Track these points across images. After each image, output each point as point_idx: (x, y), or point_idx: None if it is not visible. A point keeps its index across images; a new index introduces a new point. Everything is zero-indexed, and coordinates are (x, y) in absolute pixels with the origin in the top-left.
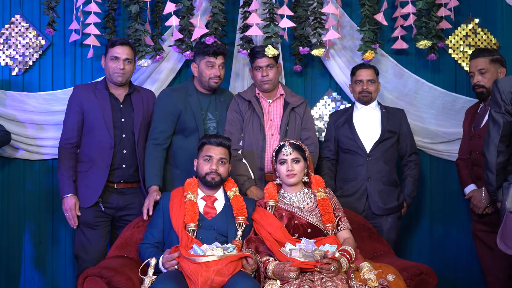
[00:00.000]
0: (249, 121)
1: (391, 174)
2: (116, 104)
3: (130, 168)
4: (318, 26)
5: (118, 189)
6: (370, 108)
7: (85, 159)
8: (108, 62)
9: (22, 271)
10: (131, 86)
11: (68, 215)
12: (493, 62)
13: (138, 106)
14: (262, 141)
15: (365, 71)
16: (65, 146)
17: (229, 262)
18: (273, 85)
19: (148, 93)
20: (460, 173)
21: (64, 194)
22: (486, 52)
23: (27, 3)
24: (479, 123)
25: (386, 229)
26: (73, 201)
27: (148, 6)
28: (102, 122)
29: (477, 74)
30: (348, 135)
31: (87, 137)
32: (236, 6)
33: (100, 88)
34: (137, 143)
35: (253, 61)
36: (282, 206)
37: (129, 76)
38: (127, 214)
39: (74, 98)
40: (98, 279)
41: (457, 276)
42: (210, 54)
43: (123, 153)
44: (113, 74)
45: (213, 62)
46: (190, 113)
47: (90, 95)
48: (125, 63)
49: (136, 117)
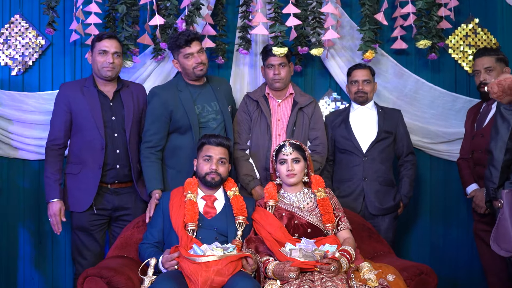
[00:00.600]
0: (257, 121)
1: (387, 174)
2: (105, 102)
3: (125, 168)
4: (317, 26)
5: (112, 189)
6: (367, 109)
7: (75, 160)
8: (95, 57)
9: (22, 271)
10: (119, 82)
11: (52, 220)
12: (498, 61)
13: (128, 103)
14: (268, 141)
15: (361, 72)
16: (52, 147)
17: (229, 262)
18: (285, 83)
19: (138, 88)
20: (462, 173)
21: (50, 199)
22: (492, 51)
23: (27, 3)
24: (482, 122)
25: (384, 229)
26: (58, 206)
27: (148, 6)
28: (92, 122)
29: (483, 72)
30: (345, 135)
31: (76, 137)
32: (235, 5)
33: (88, 85)
34: (128, 141)
35: (265, 59)
36: (282, 206)
37: (118, 71)
38: (124, 214)
39: (61, 97)
40: (98, 279)
41: (457, 276)
42: (182, 45)
43: (116, 153)
44: (102, 69)
45: (190, 52)
46: (182, 111)
47: (78, 94)
48: (114, 57)
49: (126, 114)
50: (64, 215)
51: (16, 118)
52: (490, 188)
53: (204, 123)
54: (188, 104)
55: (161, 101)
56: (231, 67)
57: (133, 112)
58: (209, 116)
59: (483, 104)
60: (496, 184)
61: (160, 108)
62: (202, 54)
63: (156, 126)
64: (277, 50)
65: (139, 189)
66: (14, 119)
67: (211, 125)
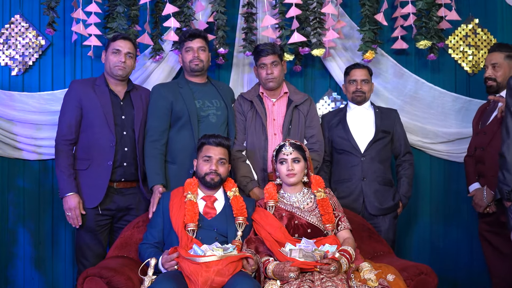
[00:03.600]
0: (252, 121)
1: (386, 174)
2: (116, 101)
3: (131, 166)
4: (318, 26)
5: (117, 189)
6: (364, 108)
7: (82, 156)
8: (109, 56)
9: (22, 271)
10: (130, 84)
11: (71, 214)
12: (508, 58)
13: (138, 104)
14: (264, 141)
15: (359, 71)
16: (63, 143)
17: (230, 263)
18: (278, 83)
19: (146, 92)
20: (467, 170)
21: (66, 193)
22: (504, 48)
23: (27, 3)
24: (486, 120)
25: (384, 230)
26: (76, 200)
27: (147, 6)
28: (103, 119)
29: (490, 67)
30: (342, 135)
31: (86, 134)
32: (235, 7)
33: (99, 84)
34: (137, 140)
35: (257, 59)
36: (282, 206)
37: (129, 71)
38: (127, 214)
39: (72, 93)
40: (98, 279)
41: (457, 276)
42: (186, 38)
43: (124, 150)
44: (113, 68)
45: (191, 46)
46: (181, 102)
47: (89, 91)
48: (126, 57)
49: (136, 114)
50: (83, 208)
51: (16, 118)
52: (505, 190)
53: (203, 117)
54: (187, 98)
55: (161, 94)
56: (231, 67)
57: (142, 113)
58: (209, 111)
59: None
60: (511, 186)
61: (160, 99)
62: (202, 52)
63: (158, 119)
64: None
65: (144, 189)
66: (14, 119)
67: (211, 120)
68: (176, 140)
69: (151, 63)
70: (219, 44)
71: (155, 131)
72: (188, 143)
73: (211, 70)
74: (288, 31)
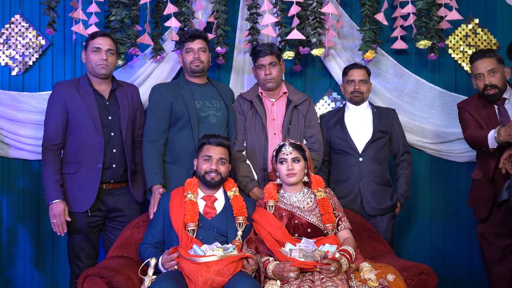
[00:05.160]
0: (252, 121)
1: (384, 174)
2: (101, 101)
3: (121, 168)
4: (318, 26)
5: (107, 190)
6: (362, 108)
7: (71, 160)
8: (89, 55)
9: (22, 271)
10: (114, 81)
11: (56, 221)
12: (499, 62)
13: (124, 103)
14: (264, 141)
15: (357, 71)
16: (49, 147)
17: (230, 263)
18: (277, 83)
19: (131, 88)
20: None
21: (51, 200)
22: (492, 53)
23: (27, 3)
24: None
25: (382, 230)
26: (62, 207)
27: (148, 6)
28: (89, 121)
29: (487, 75)
30: (340, 135)
31: (73, 137)
32: (235, 7)
33: (83, 84)
34: (125, 140)
35: (255, 60)
36: (282, 206)
37: (112, 69)
38: (118, 215)
39: (56, 96)
40: (98, 279)
41: (457, 276)
42: (187, 39)
43: (113, 152)
44: (96, 66)
45: (191, 47)
46: (181, 103)
47: (74, 93)
48: (108, 54)
49: (122, 114)
50: (68, 215)
51: (16, 118)
52: None
53: (203, 117)
54: (187, 98)
55: (161, 94)
56: (231, 67)
57: (128, 112)
58: (209, 112)
59: (495, 106)
60: None
61: (160, 100)
62: (203, 53)
63: (158, 119)
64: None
65: (133, 190)
66: (14, 119)
67: (211, 120)
68: (176, 140)
69: (151, 63)
70: (217, 43)
71: (154, 131)
72: (188, 143)
73: (211, 70)
74: (288, 29)
